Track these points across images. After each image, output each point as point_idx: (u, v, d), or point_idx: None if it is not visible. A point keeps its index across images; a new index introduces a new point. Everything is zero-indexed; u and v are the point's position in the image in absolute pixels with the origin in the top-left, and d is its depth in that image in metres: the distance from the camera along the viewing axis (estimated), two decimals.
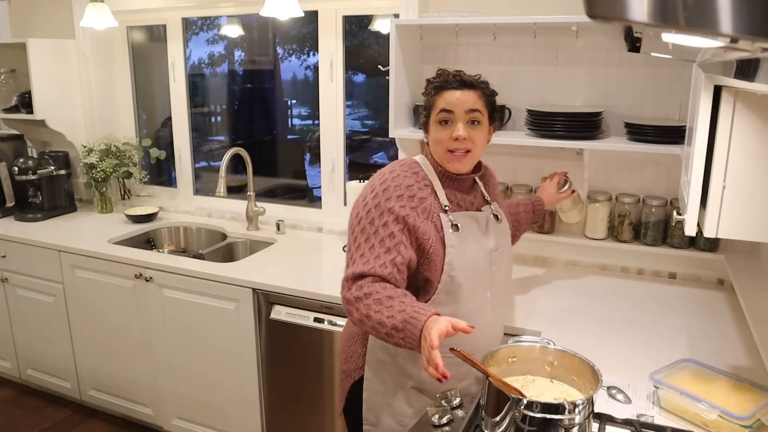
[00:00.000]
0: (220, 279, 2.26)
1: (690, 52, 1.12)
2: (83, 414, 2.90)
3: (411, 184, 1.44)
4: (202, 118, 3.34)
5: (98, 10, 2.84)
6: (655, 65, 2.07)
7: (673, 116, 2.09)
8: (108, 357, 2.70)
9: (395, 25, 2.16)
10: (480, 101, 1.45)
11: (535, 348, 1.31)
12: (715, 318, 1.89)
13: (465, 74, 1.47)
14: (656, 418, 1.33)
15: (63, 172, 3.14)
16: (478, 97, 1.45)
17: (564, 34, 2.12)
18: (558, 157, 2.27)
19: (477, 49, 2.32)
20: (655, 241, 2.13)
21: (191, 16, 3.09)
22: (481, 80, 1.48)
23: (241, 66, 3.26)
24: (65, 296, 2.72)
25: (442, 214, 1.45)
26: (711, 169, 1.12)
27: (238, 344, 2.30)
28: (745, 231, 1.13)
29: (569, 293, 2.09)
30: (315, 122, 2.96)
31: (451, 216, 1.46)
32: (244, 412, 2.39)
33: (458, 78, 1.45)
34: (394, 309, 1.30)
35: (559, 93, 2.24)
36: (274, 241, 2.72)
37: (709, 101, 1.09)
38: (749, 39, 0.47)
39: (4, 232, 2.83)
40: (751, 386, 1.34)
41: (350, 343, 1.63)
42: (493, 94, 1.50)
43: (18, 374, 3.05)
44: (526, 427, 1.11)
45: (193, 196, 3.29)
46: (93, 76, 3.19)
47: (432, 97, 1.48)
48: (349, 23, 2.71)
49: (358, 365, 1.60)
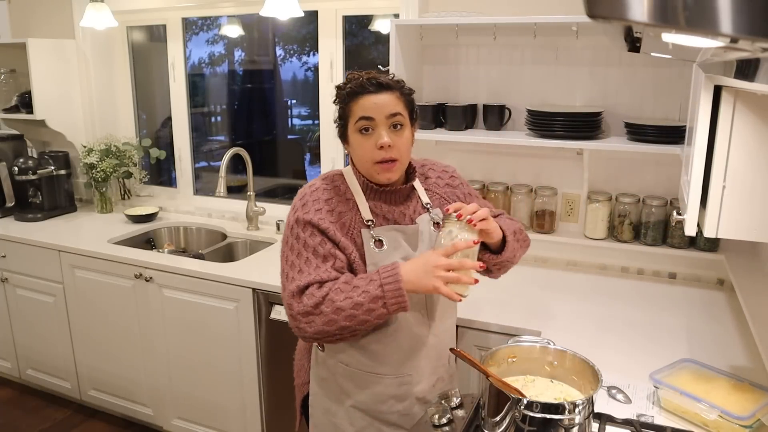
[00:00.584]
0: (220, 279, 2.26)
1: (690, 52, 1.12)
2: (83, 414, 2.90)
3: (330, 198, 1.38)
4: (202, 118, 3.34)
5: (98, 10, 2.84)
6: (655, 65, 2.07)
7: (673, 116, 2.09)
8: (108, 357, 2.70)
9: (395, 25, 2.16)
10: (400, 103, 1.36)
11: (535, 348, 1.31)
12: (715, 318, 1.88)
13: (380, 76, 1.37)
14: (656, 418, 1.33)
15: (63, 172, 3.14)
16: (398, 99, 1.36)
17: (564, 34, 2.12)
18: (558, 157, 2.27)
19: (477, 49, 2.32)
20: (655, 241, 2.13)
21: (191, 16, 3.09)
22: (396, 80, 1.39)
23: (241, 66, 3.26)
24: (65, 296, 2.72)
25: (363, 230, 1.37)
26: (711, 169, 1.12)
27: (238, 344, 2.30)
28: (745, 231, 1.13)
29: (569, 293, 2.09)
30: (315, 122, 2.96)
31: (374, 231, 1.37)
32: (244, 412, 2.39)
33: (374, 81, 1.34)
34: (360, 286, 1.25)
35: (559, 93, 2.24)
36: (274, 241, 2.72)
37: (709, 101, 1.09)
38: (749, 39, 0.47)
39: (4, 232, 2.83)
40: (751, 386, 1.34)
41: (299, 357, 1.61)
42: (411, 92, 1.40)
43: (18, 374, 3.05)
44: (526, 427, 1.11)
45: (193, 196, 3.29)
46: (93, 76, 3.19)
47: (347, 104, 1.36)
48: (349, 23, 2.71)
49: (305, 380, 1.57)
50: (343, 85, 1.38)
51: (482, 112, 2.30)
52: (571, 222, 2.32)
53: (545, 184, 2.32)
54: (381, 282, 1.24)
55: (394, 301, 1.24)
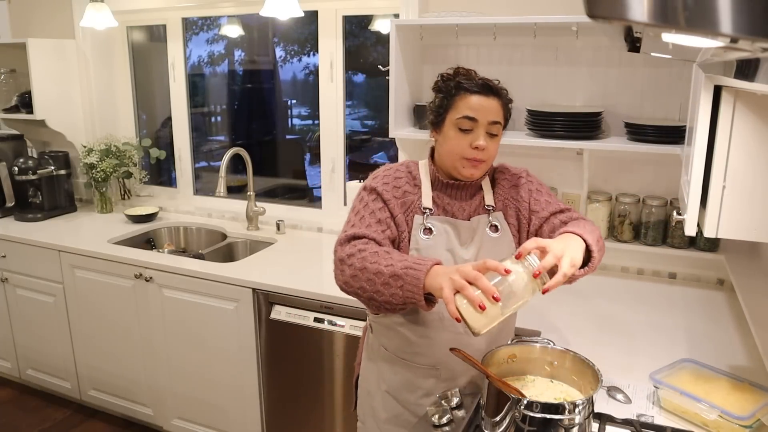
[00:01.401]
0: (220, 279, 2.27)
1: (690, 52, 1.12)
2: (83, 414, 2.90)
3: (400, 177, 1.43)
4: (202, 118, 3.34)
5: (98, 10, 2.84)
6: (655, 65, 2.07)
7: (673, 116, 2.09)
8: (108, 357, 2.70)
9: (395, 25, 2.16)
10: (501, 111, 1.38)
11: (535, 348, 1.31)
12: (715, 318, 1.88)
13: (489, 79, 1.38)
14: (656, 418, 1.33)
15: (63, 172, 3.14)
16: (500, 107, 1.37)
17: (564, 34, 2.12)
18: (558, 157, 2.27)
19: (477, 49, 2.32)
20: (655, 241, 2.13)
21: (191, 16, 3.09)
22: (502, 86, 1.39)
23: (241, 66, 3.26)
24: (65, 296, 2.72)
25: (417, 215, 1.41)
26: (711, 169, 1.12)
27: (238, 344, 2.30)
28: (745, 231, 1.13)
29: (569, 293, 2.09)
30: (315, 122, 2.96)
31: (429, 219, 1.40)
32: (244, 412, 2.39)
33: (484, 83, 1.36)
34: (393, 258, 1.24)
35: (559, 93, 2.24)
36: (274, 241, 2.72)
37: (709, 101, 1.09)
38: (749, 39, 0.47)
39: (4, 232, 2.83)
40: (751, 386, 1.34)
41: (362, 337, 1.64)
42: (510, 102, 1.42)
43: (18, 374, 3.05)
44: (526, 427, 1.11)
45: (193, 196, 3.29)
46: (93, 76, 3.19)
47: (452, 97, 1.37)
48: (349, 23, 2.71)
49: (358, 360, 1.62)
50: (451, 76, 1.39)
51: None
52: None
53: (545, 184, 2.31)
54: (410, 265, 1.21)
55: (410, 288, 1.19)
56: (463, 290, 1.11)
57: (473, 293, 1.10)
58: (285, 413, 2.32)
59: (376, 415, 1.52)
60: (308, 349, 2.18)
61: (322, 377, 2.18)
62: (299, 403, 2.27)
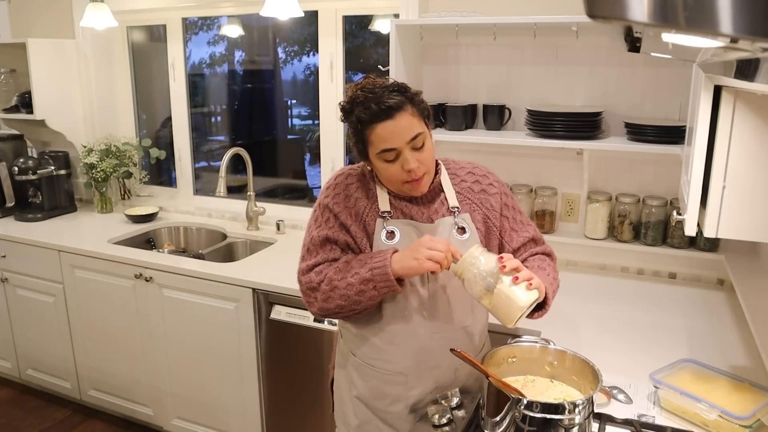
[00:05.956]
0: (220, 279, 2.26)
1: (690, 52, 1.12)
2: (83, 414, 2.90)
3: (351, 183, 1.42)
4: (202, 118, 3.34)
5: (98, 10, 2.84)
6: (655, 65, 2.07)
7: (673, 116, 2.09)
8: (108, 357, 2.70)
9: (395, 25, 2.16)
10: (415, 119, 1.29)
11: (535, 348, 1.31)
12: (715, 318, 1.88)
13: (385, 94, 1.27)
14: (656, 418, 1.33)
15: (63, 172, 3.14)
16: (412, 116, 1.29)
17: (564, 34, 2.12)
18: (558, 157, 2.27)
19: (477, 49, 2.32)
20: (655, 241, 2.13)
21: (191, 16, 3.09)
22: (400, 88, 1.30)
23: (241, 66, 3.26)
24: (65, 296, 2.72)
25: (379, 220, 1.37)
26: (711, 169, 1.12)
27: (238, 344, 2.30)
28: (745, 231, 1.13)
29: (569, 293, 2.09)
30: (315, 122, 2.96)
31: (389, 223, 1.37)
32: (244, 412, 2.39)
33: (383, 105, 1.26)
34: (354, 267, 1.31)
35: (559, 93, 2.24)
36: (274, 241, 2.72)
37: (709, 101, 1.09)
38: (749, 39, 0.47)
39: (4, 232, 2.83)
40: (751, 386, 1.34)
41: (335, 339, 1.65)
42: (418, 96, 1.33)
43: (18, 374, 3.05)
44: (526, 427, 1.11)
45: (193, 196, 3.29)
46: (93, 76, 3.19)
47: (361, 132, 1.30)
48: (349, 23, 2.71)
49: (332, 363, 1.62)
50: (349, 108, 1.32)
51: (482, 112, 2.30)
52: (571, 222, 2.32)
53: (545, 184, 2.32)
54: (371, 266, 1.28)
55: (383, 284, 1.28)
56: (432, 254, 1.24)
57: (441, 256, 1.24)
58: (285, 413, 2.32)
59: (348, 421, 1.51)
60: (308, 349, 2.18)
61: (322, 377, 2.18)
62: (299, 403, 2.27)
